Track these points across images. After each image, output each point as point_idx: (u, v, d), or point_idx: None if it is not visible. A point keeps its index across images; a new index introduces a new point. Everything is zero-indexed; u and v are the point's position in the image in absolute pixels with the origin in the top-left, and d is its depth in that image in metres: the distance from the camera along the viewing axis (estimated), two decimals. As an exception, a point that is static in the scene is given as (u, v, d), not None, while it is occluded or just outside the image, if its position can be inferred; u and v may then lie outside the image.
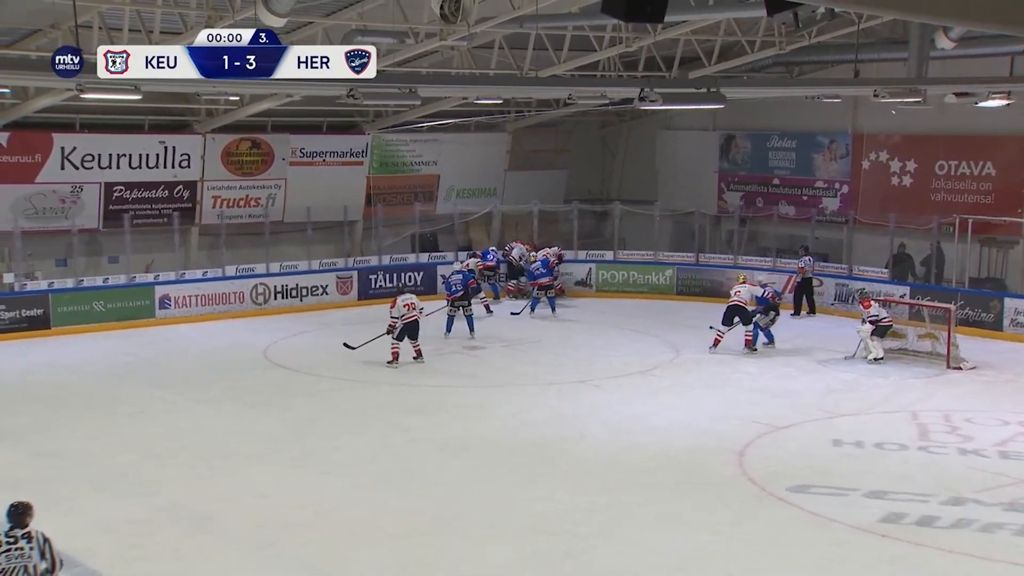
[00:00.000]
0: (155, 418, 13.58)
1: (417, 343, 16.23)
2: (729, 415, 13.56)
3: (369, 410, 13.96)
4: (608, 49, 18.68)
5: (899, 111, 19.21)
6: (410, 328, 16.12)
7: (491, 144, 25.29)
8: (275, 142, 22.02)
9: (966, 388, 15.06)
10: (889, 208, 20.93)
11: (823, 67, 22.04)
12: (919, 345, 16.80)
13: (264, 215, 21.79)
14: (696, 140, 25.70)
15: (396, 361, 16.05)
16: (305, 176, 22.36)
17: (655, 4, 5.70)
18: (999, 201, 20.40)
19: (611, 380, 15.48)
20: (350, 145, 23.11)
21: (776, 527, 9.87)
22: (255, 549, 9.39)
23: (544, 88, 19.29)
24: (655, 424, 13.19)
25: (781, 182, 24.33)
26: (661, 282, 22.60)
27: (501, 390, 15.01)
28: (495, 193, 25.35)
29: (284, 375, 15.96)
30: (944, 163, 21.42)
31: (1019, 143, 20.12)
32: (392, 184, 23.96)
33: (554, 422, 13.32)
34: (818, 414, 13.65)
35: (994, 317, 18.45)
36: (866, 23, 17.96)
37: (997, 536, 9.56)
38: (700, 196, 24.27)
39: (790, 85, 21.43)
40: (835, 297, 20.71)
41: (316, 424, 13.31)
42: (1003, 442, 12.42)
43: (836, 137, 23.20)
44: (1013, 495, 10.56)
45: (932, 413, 13.73)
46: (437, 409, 13.95)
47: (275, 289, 20.80)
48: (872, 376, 15.72)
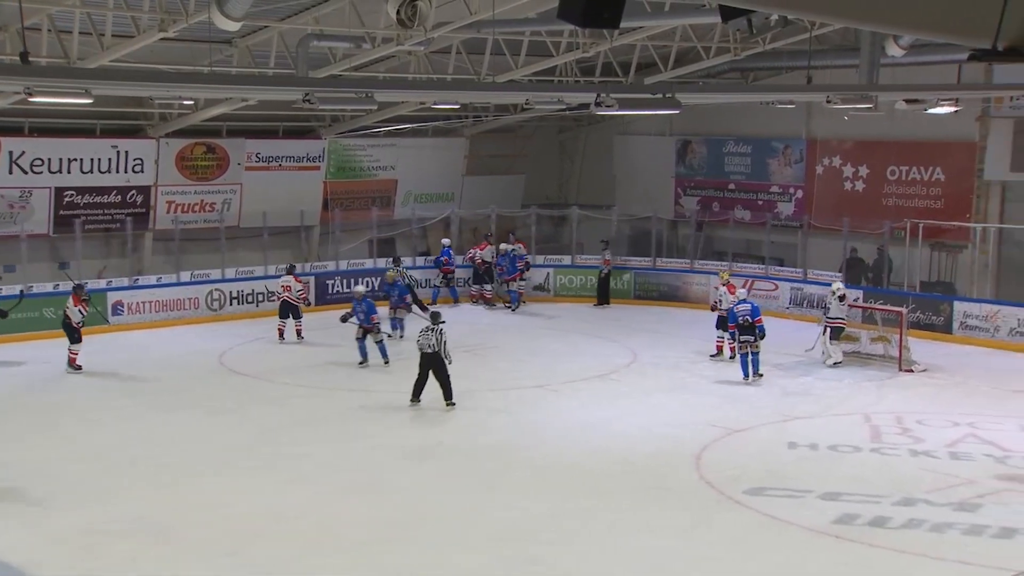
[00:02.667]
0: (109, 427, 13.45)
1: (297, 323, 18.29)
2: (687, 419, 13.73)
3: (330, 417, 13.94)
4: (565, 54, 18.83)
5: (851, 117, 19.56)
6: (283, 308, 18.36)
7: (449, 149, 25.33)
8: (230, 147, 21.89)
9: (917, 390, 15.38)
10: (842, 213, 21.30)
11: (777, 73, 22.40)
12: (872, 348, 17.12)
13: (220, 220, 21.65)
14: (653, 145, 25.94)
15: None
16: (261, 181, 22.24)
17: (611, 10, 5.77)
18: (948, 206, 20.85)
19: (570, 385, 15.59)
20: (307, 150, 23.02)
21: (734, 531, 10.03)
22: (215, 558, 9.36)
23: (501, 93, 19.40)
24: (615, 429, 13.31)
25: (737, 187, 24.65)
26: (619, 286, 22.77)
27: (461, 396, 15.02)
28: (453, 198, 25.38)
29: (241, 382, 15.89)
30: (895, 168, 21.85)
31: (967, 149, 20.59)
32: (349, 189, 23.91)
33: (514, 428, 13.40)
34: (774, 417, 13.87)
35: (944, 320, 18.86)
36: (818, 30, 18.28)
37: (947, 536, 9.80)
38: (657, 201, 24.51)
39: (745, 91, 21.73)
40: (790, 301, 21.02)
41: (276, 432, 13.27)
42: (953, 443, 12.72)
43: (790, 142, 23.56)
44: (962, 495, 10.83)
45: (884, 415, 14.01)
46: (398, 415, 13.97)
47: (231, 295, 20.68)
48: (826, 379, 16.00)
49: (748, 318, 15.46)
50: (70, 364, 16.18)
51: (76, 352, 16.17)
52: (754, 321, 15.49)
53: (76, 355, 16.16)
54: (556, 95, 16.47)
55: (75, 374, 16.05)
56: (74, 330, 16.22)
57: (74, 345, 16.19)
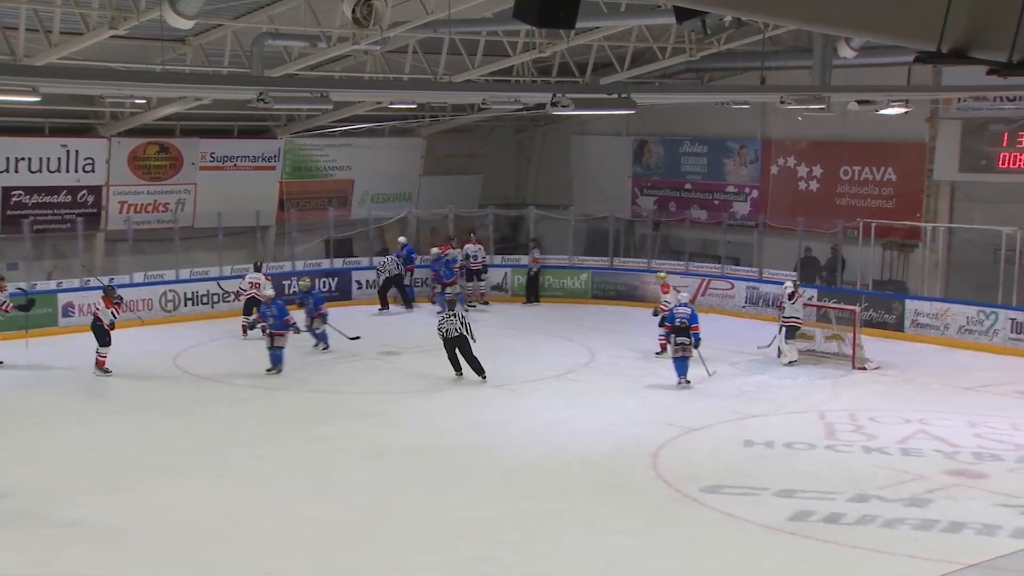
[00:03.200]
0: (60, 430, 13.27)
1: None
2: (644, 418, 13.83)
3: (286, 418, 13.85)
4: (522, 54, 18.87)
5: (805, 118, 19.81)
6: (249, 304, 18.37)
7: (406, 149, 25.27)
8: (184, 146, 21.65)
9: (870, 388, 15.62)
10: (797, 212, 21.56)
11: (732, 74, 22.62)
12: (826, 346, 17.37)
13: (174, 220, 21.42)
14: (610, 145, 26.07)
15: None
16: (216, 181, 22.02)
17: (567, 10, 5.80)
18: (900, 206, 21.20)
19: (528, 385, 15.63)
20: (262, 149, 22.85)
21: (692, 529, 10.12)
22: (169, 561, 9.26)
23: (458, 93, 19.40)
24: (573, 429, 13.37)
25: (693, 187, 24.85)
26: (576, 286, 22.87)
27: (419, 396, 15.04)
28: (410, 198, 25.33)
29: (196, 384, 15.75)
30: (848, 169, 22.16)
31: (918, 150, 20.95)
32: (305, 189, 23.77)
33: (473, 428, 13.41)
34: (730, 416, 14.01)
35: (896, 318, 19.16)
36: (772, 32, 18.50)
37: (898, 531, 9.96)
38: (614, 200, 24.64)
39: (700, 91, 21.92)
40: (746, 300, 21.23)
41: (231, 433, 13.16)
42: (904, 439, 12.94)
43: (746, 143, 23.80)
44: (913, 491, 11.02)
45: (839, 413, 14.21)
46: (356, 416, 13.92)
47: (185, 296, 20.46)
48: (782, 377, 16.19)
49: (686, 321, 15.34)
50: (98, 367, 15.96)
51: (104, 355, 15.97)
52: (691, 327, 15.31)
53: (104, 358, 15.96)
54: (513, 95, 16.56)
55: (103, 377, 15.83)
56: (105, 333, 16.04)
57: (103, 348, 15.97)
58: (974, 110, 19.92)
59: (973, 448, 12.57)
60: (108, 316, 16.13)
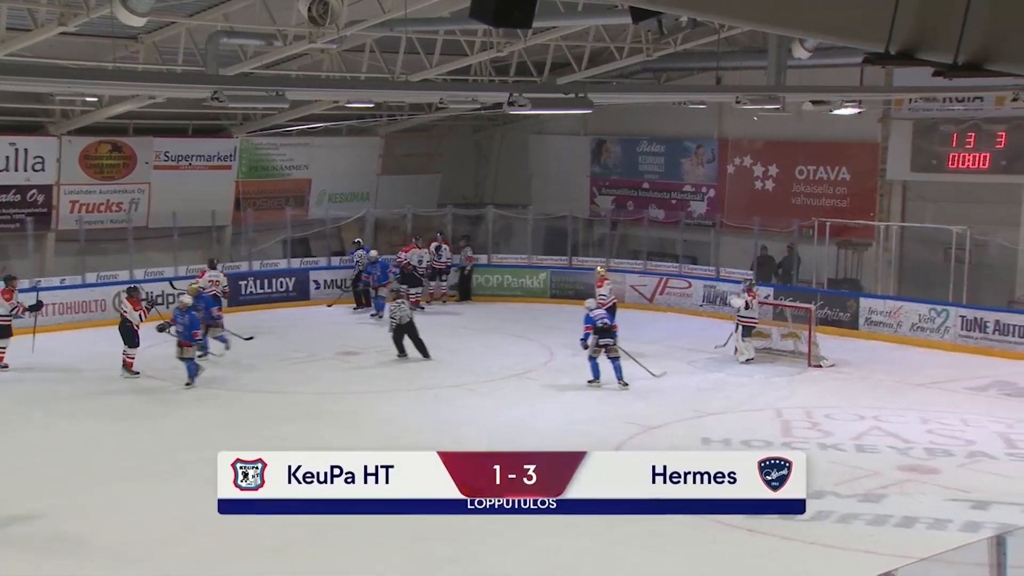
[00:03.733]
0: (11, 434, 13.07)
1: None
2: (603, 416, 13.89)
3: (242, 420, 13.75)
4: (479, 54, 18.87)
5: (760, 118, 20.02)
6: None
7: (363, 148, 25.15)
8: (137, 145, 21.39)
9: (826, 385, 15.83)
10: (753, 212, 21.78)
11: (688, 74, 22.79)
12: (782, 344, 17.56)
13: (127, 220, 21.14)
14: (568, 145, 26.15)
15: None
16: (170, 180, 21.78)
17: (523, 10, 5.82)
18: (854, 205, 21.49)
19: (488, 384, 15.64)
20: (217, 149, 22.64)
21: (650, 527, 10.12)
22: (124, 565, 9.17)
23: (416, 92, 19.35)
24: (532, 427, 13.40)
25: (651, 186, 25.00)
26: (535, 285, 22.92)
27: (377, 396, 14.99)
28: (368, 198, 25.22)
29: (151, 386, 15.58)
30: (803, 168, 22.43)
31: (871, 150, 21.25)
32: (262, 189, 23.59)
33: (432, 428, 13.39)
34: (688, 413, 14.13)
35: (851, 316, 19.42)
36: (727, 32, 18.68)
37: (853, 526, 10.12)
38: (572, 200, 24.72)
39: (656, 91, 22.06)
40: (703, 299, 21.39)
41: (187, 436, 13.02)
42: (859, 436, 13.14)
43: (703, 142, 23.99)
44: (867, 487, 11.20)
45: (795, 410, 14.39)
46: (312, 417, 13.85)
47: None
48: (738, 375, 16.35)
49: (606, 321, 15.31)
50: (125, 368, 15.82)
51: (132, 357, 15.85)
52: (611, 326, 15.24)
53: (132, 360, 15.84)
54: (470, 94, 16.57)
55: (131, 379, 15.71)
56: (133, 334, 15.91)
57: (131, 349, 15.86)
58: (925, 111, 20.27)
59: (925, 444, 12.79)
60: (135, 317, 16.06)
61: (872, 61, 4.47)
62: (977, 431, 13.38)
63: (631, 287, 22.16)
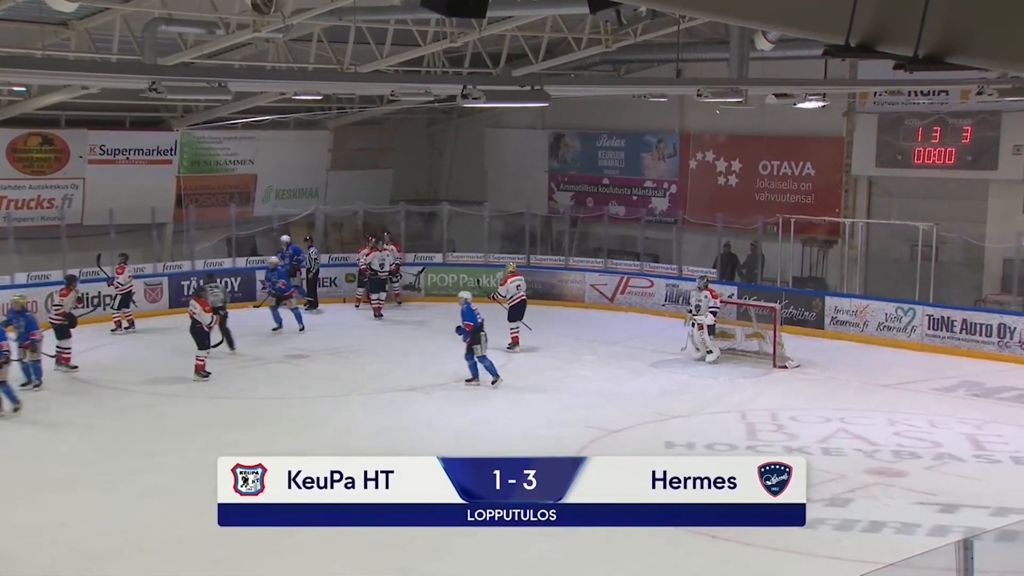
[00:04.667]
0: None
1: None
2: (563, 420, 13.95)
3: (186, 426, 13.66)
4: (432, 44, 18.84)
5: (723, 111, 20.18)
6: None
7: (312, 142, 25.04)
8: (70, 138, 21.14)
9: (791, 386, 16.02)
10: (716, 208, 21.96)
11: (649, 66, 22.93)
12: (747, 345, 17.73)
13: (60, 218, 20.84)
14: (525, 139, 26.20)
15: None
16: (106, 175, 21.54)
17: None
18: (819, 201, 21.77)
19: (443, 388, 15.65)
20: (157, 142, 22.42)
21: (610, 532, 10.18)
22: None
23: (366, 84, 19.27)
24: (490, 432, 13.42)
25: (611, 182, 25.12)
26: (492, 285, 22.88)
27: (329, 400, 14.94)
28: (317, 194, 25.10)
29: (87, 391, 15.43)
30: (767, 163, 22.68)
31: (835, 144, 21.53)
32: (205, 184, 23.40)
33: (386, 433, 13.35)
34: (651, 416, 14.23)
35: (816, 316, 19.66)
36: (688, 23, 18.83)
37: (819, 531, 10.23)
38: (530, 196, 24.77)
39: (615, 84, 22.18)
40: (665, 298, 21.53)
41: (127, 443, 12.91)
42: (825, 439, 13.32)
43: (664, 137, 24.16)
44: (833, 490, 11.34)
45: (760, 412, 14.54)
46: (261, 422, 13.77)
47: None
48: (703, 377, 16.49)
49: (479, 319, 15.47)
50: (197, 371, 15.96)
51: (203, 359, 16.06)
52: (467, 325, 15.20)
53: (203, 362, 16.03)
54: (423, 87, 16.50)
55: (201, 381, 15.83)
56: (204, 335, 16.11)
57: (201, 352, 16.05)
58: (890, 104, 20.60)
59: (892, 446, 12.99)
60: (206, 318, 16.12)
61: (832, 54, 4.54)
62: (944, 432, 13.60)
63: (591, 286, 22.25)
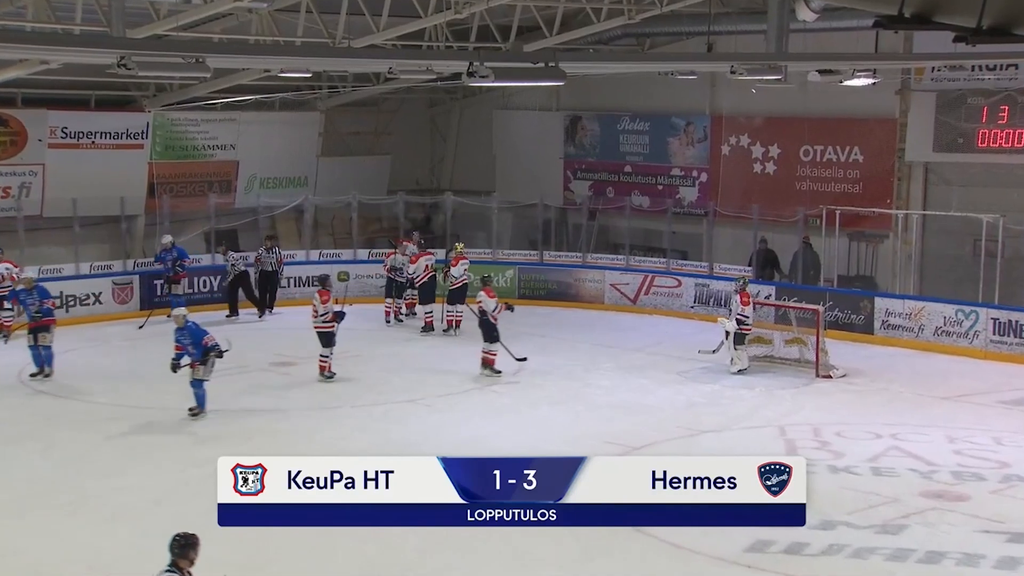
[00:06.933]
0: None
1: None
2: (580, 435, 13.85)
3: (158, 442, 13.65)
4: (434, 16, 18.74)
5: (759, 90, 20.09)
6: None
7: (300, 125, 25.09)
8: (28, 119, 21.23)
9: (836, 398, 15.90)
10: (751, 199, 21.85)
11: (676, 40, 22.80)
12: (786, 352, 17.60)
13: (16, 209, 20.89)
14: (538, 122, 26.15)
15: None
16: (69, 161, 21.62)
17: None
18: (868, 190, 21.61)
19: (445, 399, 15.61)
20: (126, 124, 22.47)
21: (631, 562, 10.14)
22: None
23: (361, 60, 19.17)
24: (496, 447, 13.29)
25: (634, 170, 25.04)
26: (501, 284, 22.81)
27: (319, 413, 14.92)
28: (306, 183, 25.11)
29: (48, 403, 15.45)
30: (809, 148, 22.52)
31: (887, 126, 21.37)
32: (180, 172, 23.46)
33: (383, 448, 13.25)
34: (678, 432, 14.13)
35: (865, 319, 19.53)
36: (722, -10, 18.69)
37: (869, 562, 10.15)
38: (544, 186, 24.72)
39: (639, 60, 22.09)
40: (695, 299, 21.43)
41: (91, 461, 12.91)
42: (875, 457, 13.18)
43: (693, 119, 24.06)
44: (886, 516, 11.22)
45: (801, 427, 14.43)
46: (241, 438, 13.71)
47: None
48: (736, 388, 16.38)
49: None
50: (321, 372, 16.51)
51: (327, 359, 16.52)
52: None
53: (328, 363, 16.51)
54: (424, 63, 16.46)
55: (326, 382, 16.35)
56: (329, 334, 16.47)
57: (325, 350, 16.48)
58: (950, 81, 20.40)
59: (952, 467, 12.84)
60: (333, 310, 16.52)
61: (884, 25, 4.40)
62: (1012, 451, 13.44)
63: (611, 286, 22.18)
